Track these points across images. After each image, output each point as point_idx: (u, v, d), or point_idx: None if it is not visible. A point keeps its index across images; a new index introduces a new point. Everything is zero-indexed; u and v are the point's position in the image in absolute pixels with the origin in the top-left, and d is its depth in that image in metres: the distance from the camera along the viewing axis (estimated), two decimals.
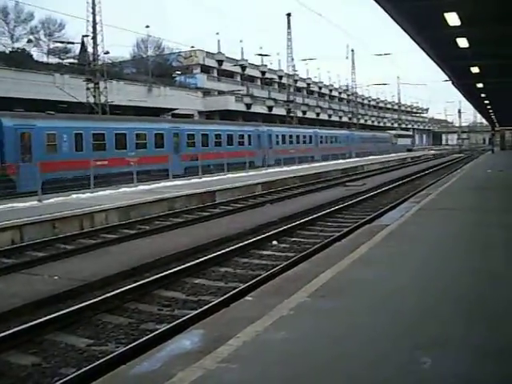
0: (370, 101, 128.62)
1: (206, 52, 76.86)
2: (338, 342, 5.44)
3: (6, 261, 13.45)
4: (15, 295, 9.96)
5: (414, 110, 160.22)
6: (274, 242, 14.38)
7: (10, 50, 57.53)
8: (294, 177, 33.68)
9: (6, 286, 10.89)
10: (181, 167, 36.79)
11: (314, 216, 18.23)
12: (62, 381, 6.28)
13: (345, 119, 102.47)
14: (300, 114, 79.94)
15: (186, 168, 37.38)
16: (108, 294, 9.46)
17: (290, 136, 56.53)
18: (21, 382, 6.64)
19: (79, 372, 6.52)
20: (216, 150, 40.94)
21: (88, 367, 6.61)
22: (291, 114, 73.41)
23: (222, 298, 8.85)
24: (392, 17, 16.98)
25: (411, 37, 20.19)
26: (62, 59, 62.42)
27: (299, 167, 44.12)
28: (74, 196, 22.80)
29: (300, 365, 4.95)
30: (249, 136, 48.25)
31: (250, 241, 14.11)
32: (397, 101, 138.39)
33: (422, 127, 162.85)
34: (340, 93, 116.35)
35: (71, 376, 6.42)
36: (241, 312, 6.69)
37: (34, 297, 9.72)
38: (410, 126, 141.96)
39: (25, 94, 40.62)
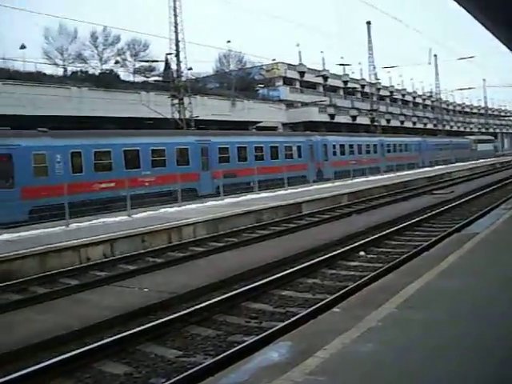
0: (455, 106, 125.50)
1: (288, 64, 77.07)
2: (428, 355, 5.32)
3: (98, 274, 13.95)
4: (108, 307, 10.29)
5: (503, 114, 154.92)
6: (362, 253, 14.22)
7: (99, 71, 59.77)
8: (380, 186, 33.18)
9: (99, 297, 11.27)
10: (212, 186, 32.73)
11: (402, 225, 17.90)
12: None
13: (429, 126, 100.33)
14: (384, 123, 78.92)
15: (219, 187, 32.06)
16: (197, 306, 9.58)
17: (351, 146, 50.88)
18: None
19: (169, 382, 6.63)
20: (257, 165, 35.32)
21: (177, 378, 6.71)
22: (375, 123, 72.49)
23: (310, 310, 8.80)
24: (479, 20, 16.58)
25: (498, 38, 19.64)
26: (148, 77, 64.14)
27: (379, 177, 42.73)
28: (162, 210, 23.32)
29: (389, 379, 4.87)
30: (298, 147, 42.98)
31: (337, 252, 13.99)
32: (483, 105, 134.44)
33: (511, 131, 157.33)
34: (424, 99, 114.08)
35: None
36: (328, 324, 6.67)
37: (125, 308, 10.00)
38: (498, 131, 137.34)
39: (114, 113, 41.99)
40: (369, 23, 71.33)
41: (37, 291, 12.44)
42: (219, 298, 10.07)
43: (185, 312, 9.31)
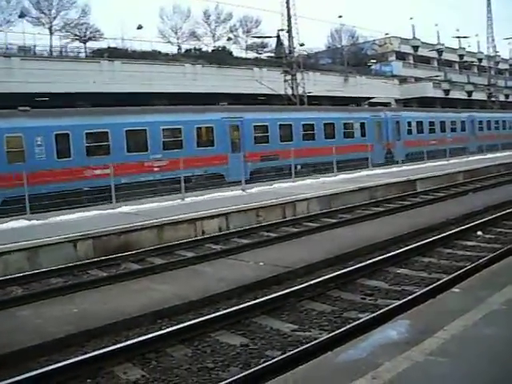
0: None
1: (401, 38, 75.30)
2: None
3: (214, 247, 14.30)
4: (223, 279, 10.52)
5: None
6: (479, 233, 13.76)
7: (212, 48, 60.87)
8: (499, 164, 31.84)
9: (214, 270, 11.53)
10: (245, 171, 27.10)
11: None
12: (269, 362, 6.49)
13: None
14: (502, 98, 75.56)
15: (254, 171, 28.74)
16: (311, 282, 9.60)
17: (431, 123, 44.27)
18: (231, 360, 6.98)
19: (285, 355, 6.66)
20: (306, 146, 31.37)
21: (293, 351, 6.74)
22: (493, 99, 69.52)
23: (427, 289, 8.59)
24: None
25: None
26: (260, 54, 64.81)
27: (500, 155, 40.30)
28: (276, 185, 23.56)
29: None
30: (361, 125, 37.08)
31: (453, 231, 13.62)
32: None
33: None
34: None
35: (277, 359, 6.57)
36: (447, 304, 6.54)
37: (240, 281, 10.18)
38: None
39: (227, 89, 42.56)
40: None
41: (154, 262, 12.91)
42: (334, 274, 10.06)
43: (299, 287, 9.36)
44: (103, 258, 13.27)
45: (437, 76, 71.41)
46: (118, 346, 7.24)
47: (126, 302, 9.46)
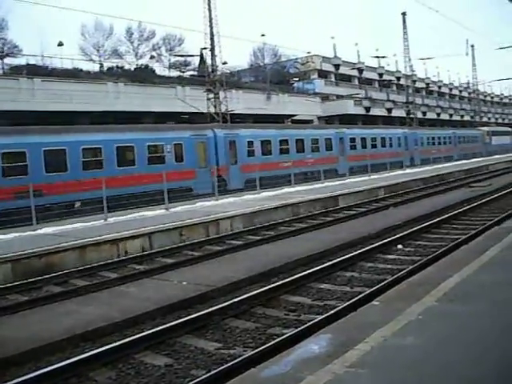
0: (492, 97, 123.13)
1: (323, 57, 76.64)
2: (468, 349, 5.30)
3: (137, 267, 14.11)
4: (147, 300, 10.42)
5: None
6: (399, 246, 14.16)
7: (135, 66, 60.52)
8: (416, 179, 32.84)
9: (138, 290, 11.41)
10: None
11: (439, 219, 17.76)
12: (193, 382, 6.46)
13: (467, 118, 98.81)
14: (420, 115, 78.00)
15: (2, 213, 21.35)
16: (235, 299, 9.65)
17: (283, 142, 38.07)
18: (155, 381, 6.92)
19: (210, 374, 6.67)
20: (88, 176, 24.71)
21: (218, 369, 6.75)
22: (411, 116, 71.68)
23: (349, 303, 8.79)
24: None
25: None
26: (183, 72, 64.79)
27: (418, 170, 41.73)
28: (199, 204, 23.44)
29: (430, 372, 4.85)
30: (177, 147, 30.33)
31: (374, 245, 13.97)
32: None
33: None
34: (460, 91, 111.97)
35: (202, 377, 6.56)
36: (368, 317, 6.67)
37: (164, 301, 10.10)
38: None
39: (150, 108, 42.27)
40: (404, 14, 70.57)
41: (77, 284, 12.64)
42: (258, 291, 10.13)
43: (223, 305, 9.38)
44: (23, 281, 12.87)
45: (358, 94, 72.97)
46: (38, 372, 7.01)
47: (48, 326, 9.23)
